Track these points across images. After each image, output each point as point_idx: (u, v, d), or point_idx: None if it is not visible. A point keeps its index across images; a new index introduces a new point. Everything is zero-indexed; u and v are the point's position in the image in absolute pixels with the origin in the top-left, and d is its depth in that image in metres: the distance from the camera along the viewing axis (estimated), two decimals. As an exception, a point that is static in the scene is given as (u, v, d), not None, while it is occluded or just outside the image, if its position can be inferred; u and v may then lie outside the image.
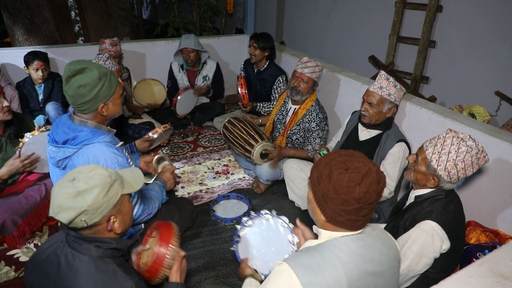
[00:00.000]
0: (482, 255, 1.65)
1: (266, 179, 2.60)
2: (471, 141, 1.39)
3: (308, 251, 1.03)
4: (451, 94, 3.60)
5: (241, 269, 1.56)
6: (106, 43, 3.27)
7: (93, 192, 1.04)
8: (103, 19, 5.59)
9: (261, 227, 1.79)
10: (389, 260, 1.07)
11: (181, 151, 3.27)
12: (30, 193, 2.12)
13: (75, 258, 1.08)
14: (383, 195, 2.06)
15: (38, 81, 3.07)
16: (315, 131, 2.55)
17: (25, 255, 2.07)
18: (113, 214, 1.11)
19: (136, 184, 1.20)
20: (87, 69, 1.48)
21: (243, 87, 3.20)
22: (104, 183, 1.06)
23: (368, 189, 0.97)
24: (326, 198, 1.01)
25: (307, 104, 2.57)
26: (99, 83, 1.50)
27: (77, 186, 1.03)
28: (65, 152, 1.54)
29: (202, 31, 5.87)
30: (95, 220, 1.06)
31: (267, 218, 1.78)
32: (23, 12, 4.88)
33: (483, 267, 0.90)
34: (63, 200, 1.02)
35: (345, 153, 1.04)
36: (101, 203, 1.05)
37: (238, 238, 1.78)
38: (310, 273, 0.96)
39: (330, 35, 5.01)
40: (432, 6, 3.52)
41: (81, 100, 1.50)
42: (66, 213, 1.02)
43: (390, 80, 2.01)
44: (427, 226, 1.38)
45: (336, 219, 1.03)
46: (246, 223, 1.79)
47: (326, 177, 1.01)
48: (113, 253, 1.14)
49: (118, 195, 1.11)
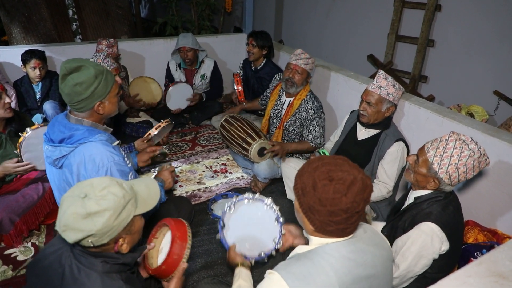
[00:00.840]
0: (480, 254, 1.65)
1: (264, 177, 2.60)
2: (473, 144, 1.38)
3: (299, 258, 1.02)
4: (450, 94, 3.60)
5: (230, 257, 1.50)
6: (102, 44, 3.25)
7: (104, 215, 0.97)
8: (101, 18, 5.57)
9: (246, 211, 1.72)
10: (382, 261, 1.06)
11: (179, 150, 3.27)
12: (27, 191, 2.12)
13: (81, 272, 1.05)
14: (382, 194, 2.06)
15: (36, 80, 3.06)
16: (314, 119, 2.56)
17: (23, 254, 2.06)
18: (122, 236, 1.06)
19: (151, 201, 1.14)
20: (83, 67, 1.47)
21: (239, 83, 3.20)
22: (116, 206, 1.00)
23: (355, 199, 0.95)
24: (313, 210, 0.99)
25: (302, 94, 2.60)
26: (95, 81, 1.49)
27: (88, 206, 0.97)
28: (61, 151, 1.53)
29: (200, 30, 5.85)
30: (103, 242, 1.01)
31: (249, 201, 1.73)
32: (20, 10, 4.85)
33: (481, 266, 0.90)
34: (71, 220, 0.96)
35: (328, 161, 1.01)
36: (111, 227, 1.00)
37: (223, 224, 1.73)
38: (301, 282, 0.95)
39: (328, 33, 5.01)
40: (431, 5, 3.52)
41: (77, 98, 1.48)
42: (73, 233, 0.97)
43: (389, 80, 2.00)
44: (427, 228, 1.38)
45: (325, 228, 1.01)
46: (229, 210, 1.74)
47: (310, 188, 0.98)
48: (119, 268, 1.11)
49: (130, 217, 1.05)
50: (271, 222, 1.66)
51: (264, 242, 1.67)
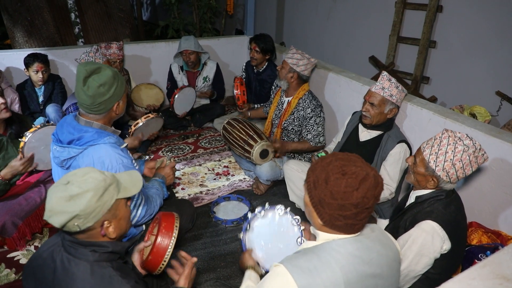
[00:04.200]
0: (484, 256, 1.64)
1: (266, 179, 2.60)
2: (468, 139, 1.38)
3: (306, 253, 1.02)
4: (452, 94, 3.59)
5: (244, 258, 1.52)
6: (113, 48, 3.18)
7: (86, 196, 1.01)
8: (103, 21, 5.59)
9: (273, 221, 1.72)
10: (388, 261, 1.06)
11: (181, 153, 3.27)
12: (30, 194, 2.12)
13: (71, 263, 1.07)
14: (384, 196, 2.05)
15: (38, 83, 3.07)
16: (311, 117, 2.56)
17: (26, 257, 2.06)
18: (107, 219, 1.09)
19: (133, 188, 1.18)
20: (101, 68, 1.51)
21: (238, 88, 3.21)
22: (97, 187, 1.04)
23: (366, 194, 0.96)
24: (323, 203, 1.00)
25: (299, 93, 2.62)
26: (115, 82, 1.54)
27: (70, 190, 1.02)
28: (70, 152, 1.54)
29: (202, 32, 5.87)
30: (88, 225, 1.04)
31: (281, 214, 1.73)
32: (23, 14, 4.88)
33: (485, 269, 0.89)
34: (55, 204, 1.01)
35: (342, 156, 1.03)
36: (94, 207, 1.03)
37: (248, 227, 1.73)
38: (307, 276, 0.95)
39: (330, 35, 5.01)
40: (432, 6, 3.52)
41: (100, 100, 1.51)
42: (58, 217, 1.00)
43: (392, 81, 2.00)
44: (427, 226, 1.38)
45: (333, 223, 1.01)
46: (259, 214, 1.74)
47: (322, 181, 0.99)
48: (109, 256, 1.12)
49: (113, 199, 1.08)
50: (293, 240, 1.66)
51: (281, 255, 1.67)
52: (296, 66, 2.54)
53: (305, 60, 2.55)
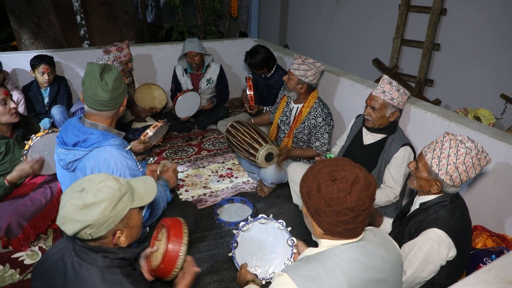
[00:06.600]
0: (489, 260, 1.63)
1: (271, 182, 2.60)
2: (469, 142, 1.38)
3: (309, 260, 1.02)
4: (456, 97, 3.58)
5: (242, 274, 1.54)
6: (125, 48, 3.20)
7: (100, 206, 1.01)
8: (108, 23, 5.64)
9: (259, 231, 1.77)
10: (391, 265, 1.06)
11: (185, 154, 3.28)
12: (35, 196, 2.13)
13: (82, 268, 1.07)
14: (389, 199, 2.05)
15: (44, 85, 3.10)
16: (322, 126, 2.55)
17: (30, 258, 2.07)
18: (119, 228, 1.08)
19: (147, 197, 1.17)
20: (108, 65, 1.58)
21: (251, 89, 3.21)
22: (112, 197, 1.03)
23: (360, 196, 0.95)
24: (320, 212, 1.00)
25: (310, 102, 2.59)
26: (122, 77, 1.61)
27: (85, 198, 1.01)
28: (75, 154, 1.55)
29: (206, 35, 5.89)
30: (100, 234, 1.04)
31: (264, 222, 1.77)
32: (29, 17, 4.93)
33: (490, 273, 0.89)
34: (69, 212, 1.00)
35: (330, 162, 1.02)
36: (107, 218, 1.02)
37: (236, 244, 1.76)
38: (311, 284, 0.95)
39: (333, 38, 5.01)
40: (436, 9, 3.51)
41: (116, 93, 1.56)
42: (71, 225, 1.00)
43: (393, 84, 2.00)
44: (433, 234, 1.36)
45: (334, 230, 1.01)
46: (243, 228, 1.77)
47: (315, 191, 0.99)
48: (120, 263, 1.12)
49: (126, 209, 1.07)
50: (283, 245, 1.69)
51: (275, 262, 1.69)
52: (304, 77, 2.47)
53: (313, 70, 2.47)
